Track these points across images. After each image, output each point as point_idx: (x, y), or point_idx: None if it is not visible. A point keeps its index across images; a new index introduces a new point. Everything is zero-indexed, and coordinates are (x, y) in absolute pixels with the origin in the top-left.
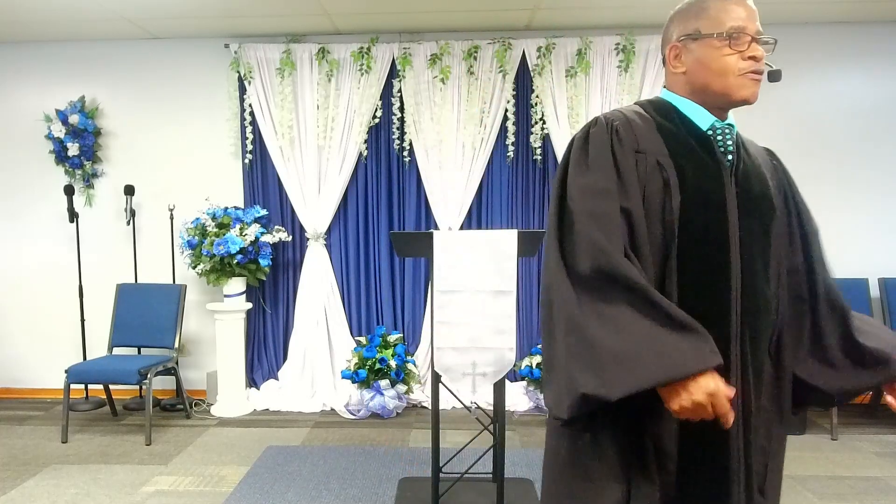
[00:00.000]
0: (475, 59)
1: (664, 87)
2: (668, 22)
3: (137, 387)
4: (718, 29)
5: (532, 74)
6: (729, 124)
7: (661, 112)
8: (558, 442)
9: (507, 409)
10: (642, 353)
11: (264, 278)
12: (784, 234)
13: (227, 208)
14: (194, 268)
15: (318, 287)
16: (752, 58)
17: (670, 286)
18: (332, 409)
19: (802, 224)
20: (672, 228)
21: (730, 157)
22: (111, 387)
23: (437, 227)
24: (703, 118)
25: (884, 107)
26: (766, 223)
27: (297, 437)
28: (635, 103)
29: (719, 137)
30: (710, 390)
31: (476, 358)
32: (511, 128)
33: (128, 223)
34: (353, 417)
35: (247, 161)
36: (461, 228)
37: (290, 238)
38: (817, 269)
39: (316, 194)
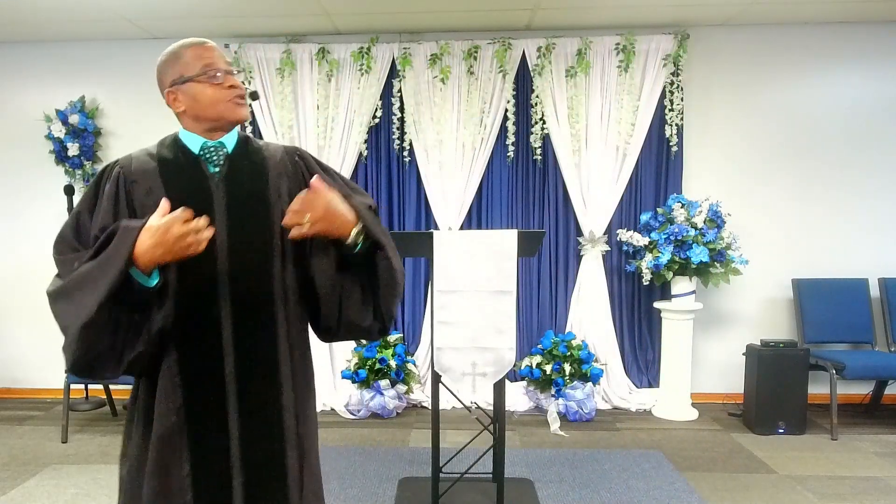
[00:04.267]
0: (475, 59)
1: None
2: (157, 73)
3: None
4: (195, 71)
5: (532, 74)
6: (220, 143)
7: (164, 144)
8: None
9: (507, 409)
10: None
11: None
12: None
13: None
14: None
15: None
16: (231, 86)
17: (169, 274)
18: (332, 409)
19: None
20: None
21: (216, 168)
22: (111, 387)
23: (437, 227)
24: (194, 143)
25: (884, 107)
26: (260, 215)
27: None
28: (164, 138)
29: (207, 155)
30: (159, 228)
31: (476, 358)
32: (511, 128)
33: None
34: (353, 417)
35: None
36: (461, 228)
37: None
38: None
39: None
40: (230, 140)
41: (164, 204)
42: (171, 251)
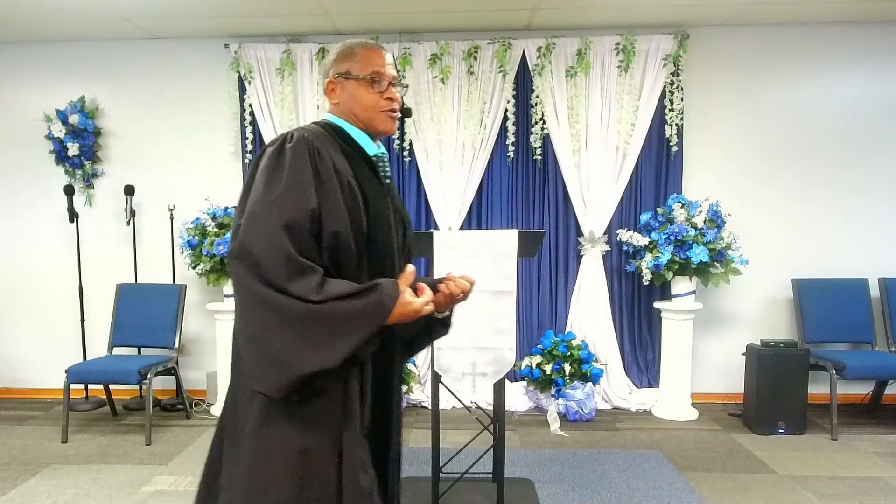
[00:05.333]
0: (475, 59)
1: (328, 112)
2: (327, 60)
3: (137, 387)
4: (363, 72)
5: (532, 74)
6: (384, 152)
7: (341, 137)
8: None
9: (507, 409)
10: (345, 324)
11: None
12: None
13: (227, 208)
14: (194, 268)
15: None
16: (389, 98)
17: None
18: None
19: None
20: (361, 243)
21: (388, 181)
22: (111, 387)
23: (437, 227)
24: (369, 145)
25: (884, 107)
26: (405, 232)
27: None
28: (314, 123)
29: (380, 164)
30: (413, 308)
31: (476, 358)
32: (511, 128)
33: (128, 223)
34: None
35: (247, 161)
36: (461, 228)
37: None
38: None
39: None
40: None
41: (412, 269)
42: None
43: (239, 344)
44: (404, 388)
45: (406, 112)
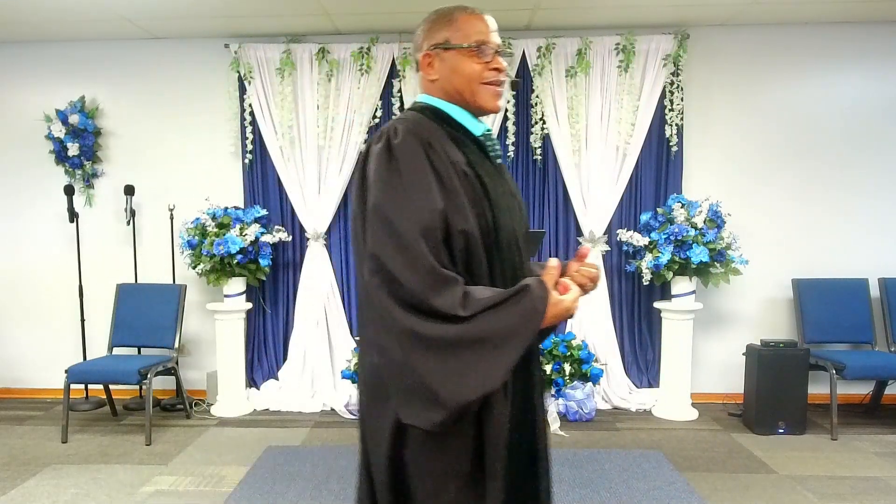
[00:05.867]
0: None
1: (422, 92)
2: (418, 31)
3: (137, 387)
4: (465, 41)
5: (532, 74)
6: (490, 130)
7: (445, 121)
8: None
9: None
10: (502, 336)
11: (264, 278)
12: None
13: (227, 208)
14: (194, 268)
15: (318, 287)
16: (496, 69)
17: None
18: (332, 409)
19: None
20: (490, 240)
21: (498, 160)
22: (111, 387)
23: None
24: (474, 125)
25: (884, 107)
26: (524, 215)
27: (297, 437)
28: (409, 110)
29: (489, 143)
30: (564, 307)
31: None
32: (511, 128)
33: (128, 223)
34: (354, 417)
35: (247, 161)
36: None
37: (290, 238)
38: None
39: (316, 194)
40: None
41: (555, 264)
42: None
43: (382, 370)
44: None
45: (513, 85)
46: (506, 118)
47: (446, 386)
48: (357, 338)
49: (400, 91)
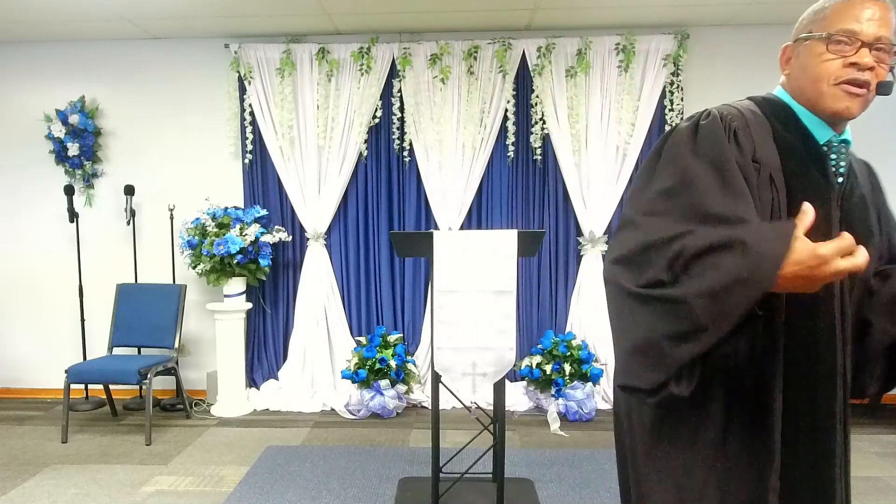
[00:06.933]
0: (475, 59)
1: (780, 85)
2: (798, 23)
3: (137, 387)
4: (825, 30)
5: (532, 74)
6: (844, 140)
7: (779, 117)
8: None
9: (507, 409)
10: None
11: (264, 278)
12: (874, 256)
13: (227, 208)
14: (194, 268)
15: (318, 287)
16: (854, 65)
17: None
18: (332, 409)
19: (892, 247)
20: None
21: (840, 178)
22: (111, 387)
23: (437, 227)
24: (821, 131)
25: (884, 107)
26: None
27: (297, 437)
28: (749, 98)
29: (833, 155)
30: (819, 260)
31: (476, 358)
32: (511, 128)
33: (128, 223)
34: (353, 417)
35: (247, 161)
36: (461, 228)
37: (290, 238)
38: None
39: (316, 194)
40: (848, 136)
41: (809, 210)
42: (812, 286)
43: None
44: (404, 388)
45: (884, 88)
46: (506, 118)
47: (647, 332)
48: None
49: (400, 91)
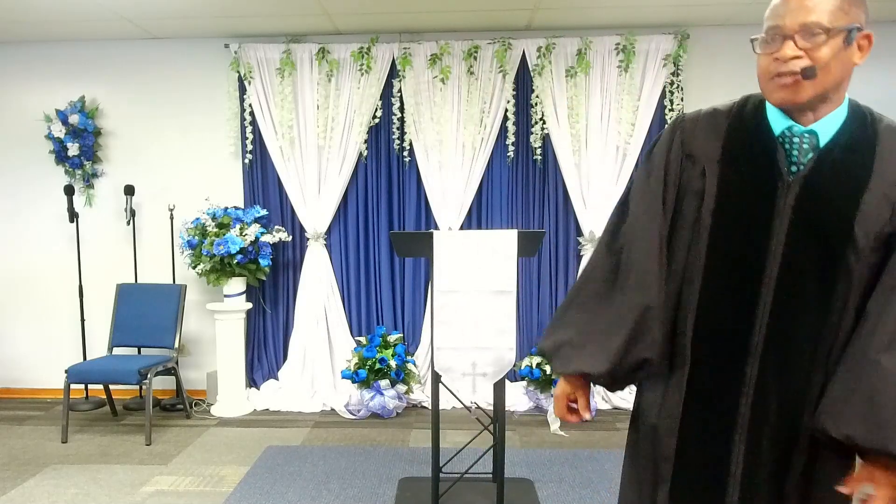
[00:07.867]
0: (475, 59)
1: None
2: None
3: (137, 387)
4: (762, 32)
5: (532, 74)
6: (810, 131)
7: (745, 112)
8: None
9: (507, 409)
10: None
11: (264, 278)
12: (864, 266)
13: (227, 208)
14: (194, 268)
15: (318, 287)
16: (777, 59)
17: (688, 306)
18: (332, 409)
19: None
20: (699, 247)
21: (795, 168)
22: (111, 387)
23: (437, 227)
24: (778, 121)
25: (884, 107)
26: (833, 254)
27: (297, 437)
28: (743, 97)
29: (787, 146)
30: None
31: (476, 358)
32: (511, 128)
33: (128, 223)
34: (353, 417)
35: (247, 161)
36: (461, 228)
37: (290, 238)
38: None
39: (316, 194)
40: (831, 126)
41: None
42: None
43: None
44: (404, 388)
45: (807, 72)
46: (506, 118)
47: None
48: None
49: (400, 91)
